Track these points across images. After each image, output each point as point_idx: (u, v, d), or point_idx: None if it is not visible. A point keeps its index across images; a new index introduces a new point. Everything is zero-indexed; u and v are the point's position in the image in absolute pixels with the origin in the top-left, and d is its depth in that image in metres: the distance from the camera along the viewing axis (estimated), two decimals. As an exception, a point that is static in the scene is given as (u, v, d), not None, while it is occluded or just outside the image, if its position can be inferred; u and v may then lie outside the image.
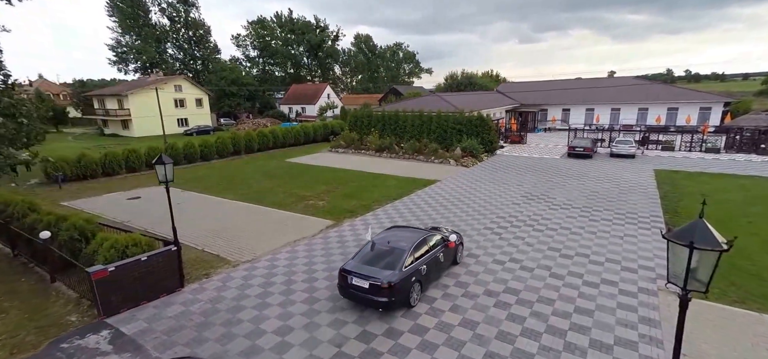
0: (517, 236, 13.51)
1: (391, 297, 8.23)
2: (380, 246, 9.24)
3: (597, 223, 14.61)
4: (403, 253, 8.87)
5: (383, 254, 8.96)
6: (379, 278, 8.30)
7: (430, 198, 18.87)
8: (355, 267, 8.74)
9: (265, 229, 14.57)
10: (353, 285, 8.54)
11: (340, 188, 21.44)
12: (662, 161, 26.66)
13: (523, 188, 20.20)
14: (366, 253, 9.14)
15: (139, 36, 63.42)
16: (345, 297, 8.98)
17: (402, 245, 9.18)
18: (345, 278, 8.68)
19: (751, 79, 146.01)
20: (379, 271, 8.50)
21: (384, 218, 15.78)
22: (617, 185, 20.41)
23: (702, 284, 4.08)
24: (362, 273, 8.53)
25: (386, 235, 10.00)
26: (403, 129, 35.15)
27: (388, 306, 8.35)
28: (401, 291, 8.45)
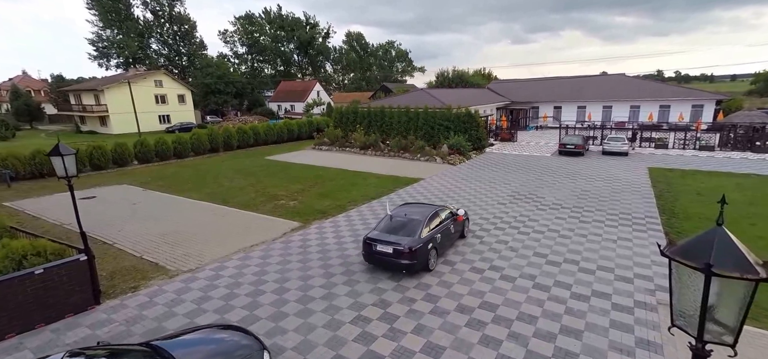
0: (499, 240, 12.15)
1: (413, 259, 9.22)
2: (398, 218, 10.25)
3: (588, 225, 13.30)
4: (421, 223, 9.89)
5: (402, 225, 9.93)
6: (402, 244, 9.25)
7: (410, 198, 17.48)
8: (378, 236, 9.73)
9: (223, 232, 13.06)
10: (378, 251, 9.53)
11: (317, 187, 20.00)
12: (656, 158, 25.53)
13: (510, 187, 18.90)
14: (386, 224, 10.14)
15: (120, 30, 61.18)
16: (370, 263, 10.02)
17: (418, 216, 10.19)
18: (370, 245, 9.66)
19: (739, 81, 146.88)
20: (401, 238, 9.46)
21: (357, 221, 14.35)
22: (610, 183, 19.18)
23: (728, 331, 2.61)
24: (386, 240, 9.49)
25: (402, 209, 11.12)
26: (389, 126, 33.76)
27: (410, 268, 9.35)
28: (421, 255, 9.45)
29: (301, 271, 10.06)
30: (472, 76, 73.89)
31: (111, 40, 61.02)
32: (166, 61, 69.48)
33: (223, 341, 5.80)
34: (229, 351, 5.52)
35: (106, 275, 9.46)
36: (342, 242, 12.08)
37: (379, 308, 8.19)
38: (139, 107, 45.09)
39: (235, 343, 5.75)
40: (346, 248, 11.58)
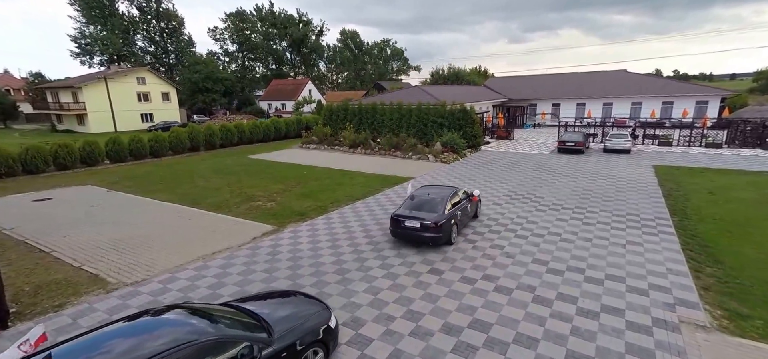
0: (494, 244, 10.93)
1: (438, 233, 10.07)
2: (421, 197, 11.18)
3: (592, 227, 12.12)
4: (444, 200, 10.86)
5: (425, 203, 10.82)
6: (428, 218, 10.14)
7: (399, 198, 16.24)
8: (405, 212, 10.64)
9: (186, 237, 11.76)
10: (406, 226, 10.37)
11: (299, 186, 18.74)
12: (660, 156, 24.46)
13: (507, 186, 17.72)
14: (409, 204, 11.06)
15: (104, 27, 59.52)
16: (397, 238, 10.92)
17: (440, 195, 11.12)
18: (398, 222, 10.52)
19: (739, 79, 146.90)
20: (427, 214, 10.33)
21: (337, 224, 13.08)
22: (613, 182, 18.04)
23: None
24: (413, 216, 10.38)
25: (423, 190, 11.94)
26: (380, 123, 32.56)
27: (436, 241, 10.20)
28: (446, 230, 10.27)
29: (264, 283, 8.79)
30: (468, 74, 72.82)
31: (94, 37, 59.29)
32: (152, 58, 67.89)
33: (296, 302, 6.27)
34: (303, 311, 5.92)
35: (30, 290, 8.14)
36: (317, 248, 10.81)
37: (350, 329, 6.94)
38: (120, 106, 43.74)
39: (306, 304, 6.18)
40: (321, 255, 10.32)
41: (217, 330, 4.70)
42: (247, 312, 5.49)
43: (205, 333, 4.52)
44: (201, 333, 4.49)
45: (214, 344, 4.44)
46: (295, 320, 5.59)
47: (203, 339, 4.40)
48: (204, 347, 4.35)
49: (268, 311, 5.69)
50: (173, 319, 4.80)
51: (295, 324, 5.49)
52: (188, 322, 4.72)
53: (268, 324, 5.32)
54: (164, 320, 4.77)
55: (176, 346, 4.14)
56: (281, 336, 5.16)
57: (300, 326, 5.48)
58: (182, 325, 4.63)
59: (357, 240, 11.45)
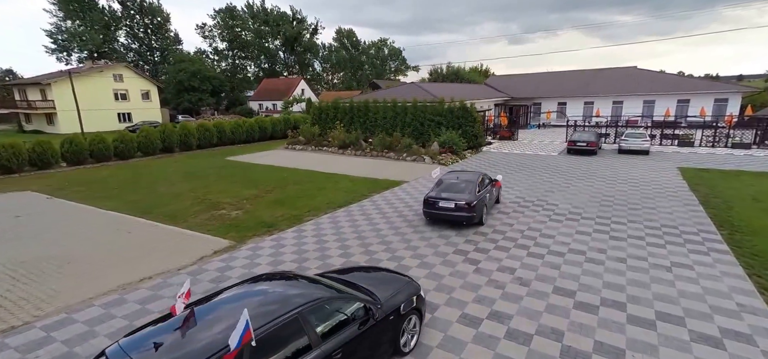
0: (502, 266, 8.76)
1: (472, 213, 10.68)
2: (450, 181, 11.75)
3: (622, 242, 9.97)
4: (474, 183, 11.35)
5: (455, 186, 11.38)
6: (462, 199, 10.75)
7: (387, 205, 14.09)
8: (438, 194, 11.16)
9: (115, 257, 9.56)
10: (440, 206, 10.96)
11: (275, 192, 16.60)
12: (683, 157, 22.38)
13: (513, 191, 15.58)
14: (439, 188, 11.55)
15: (83, 22, 57.26)
16: (430, 219, 11.54)
17: (469, 179, 11.66)
18: (432, 203, 11.10)
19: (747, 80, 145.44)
20: (460, 195, 10.89)
21: (309, 237, 10.91)
22: (636, 186, 15.92)
23: None
24: (447, 197, 10.94)
25: (451, 175, 12.39)
26: (373, 122, 30.47)
27: (470, 220, 10.79)
28: (477, 210, 10.85)
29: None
30: (468, 73, 70.93)
31: (72, 33, 56.98)
32: (136, 56, 65.75)
33: (385, 275, 6.51)
34: (396, 281, 6.15)
35: None
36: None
37: None
38: (95, 104, 41.57)
39: (395, 276, 6.43)
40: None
41: (336, 291, 5.04)
42: (347, 283, 5.70)
43: (329, 293, 4.86)
44: (325, 292, 4.83)
45: (339, 301, 4.84)
46: (393, 289, 5.80)
47: (328, 296, 4.77)
48: (332, 303, 4.74)
49: (364, 282, 5.88)
50: (293, 282, 5.19)
51: (394, 291, 5.72)
52: (308, 284, 5.07)
53: (371, 291, 5.57)
54: (287, 283, 5.17)
55: (312, 300, 4.49)
56: (386, 301, 5.43)
57: (399, 293, 5.73)
58: (305, 286, 4.97)
59: (330, 260, 9.29)
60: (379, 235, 11.01)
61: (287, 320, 4.11)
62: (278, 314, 4.11)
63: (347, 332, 4.66)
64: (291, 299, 4.46)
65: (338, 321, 4.68)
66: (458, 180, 11.78)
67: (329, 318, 4.62)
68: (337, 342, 4.46)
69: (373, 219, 12.50)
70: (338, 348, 4.44)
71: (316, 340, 4.26)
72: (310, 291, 4.79)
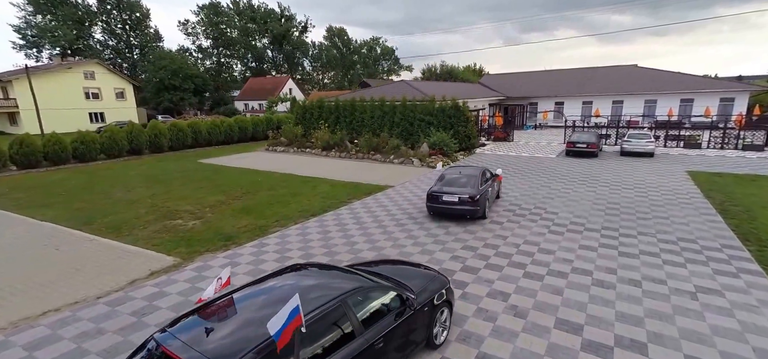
0: (493, 291, 7.44)
1: (475, 206, 11.01)
2: (452, 176, 12.12)
3: (634, 261, 8.70)
4: (477, 178, 11.76)
5: (458, 181, 11.77)
6: (466, 193, 11.11)
7: (367, 213, 12.74)
8: (442, 189, 11.53)
9: (29, 280, 8.08)
10: (444, 200, 11.29)
11: (244, 198, 15.19)
12: (691, 160, 21.31)
13: (507, 198, 14.30)
14: (442, 182, 11.93)
15: (54, 16, 55.21)
16: (434, 213, 11.89)
17: (472, 173, 12.05)
18: (436, 197, 11.46)
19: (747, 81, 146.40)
20: (463, 189, 11.28)
21: (270, 254, 9.52)
22: (643, 192, 14.73)
23: None
24: (450, 191, 11.31)
25: (453, 170, 12.71)
26: (360, 122, 29.16)
27: (474, 214, 11.20)
28: (481, 203, 11.21)
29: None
30: (462, 72, 70.14)
31: (42, 28, 54.82)
32: (112, 53, 63.82)
33: (418, 270, 6.39)
34: (425, 274, 6.16)
35: None
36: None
37: None
38: (64, 103, 39.83)
39: (426, 272, 6.33)
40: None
41: (374, 281, 5.03)
42: (377, 275, 5.63)
43: (368, 282, 4.90)
44: (364, 281, 4.86)
45: (378, 291, 4.87)
46: (424, 281, 5.80)
47: (368, 285, 4.80)
48: (372, 292, 4.78)
49: (394, 274, 5.84)
50: (329, 271, 5.36)
51: (425, 283, 5.74)
52: (345, 274, 5.14)
53: (404, 282, 5.56)
54: (323, 272, 5.31)
55: (354, 288, 4.55)
56: (420, 292, 5.44)
57: (430, 285, 5.73)
58: (342, 275, 5.04)
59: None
60: (353, 250, 9.65)
61: (332, 307, 4.14)
62: (324, 300, 4.15)
63: (386, 321, 4.68)
64: (333, 286, 4.52)
65: (377, 311, 4.70)
66: (461, 175, 12.06)
67: (369, 307, 4.64)
68: (377, 331, 4.50)
69: (349, 231, 11.14)
70: (379, 336, 4.47)
71: (359, 328, 4.31)
72: (348, 279, 4.83)
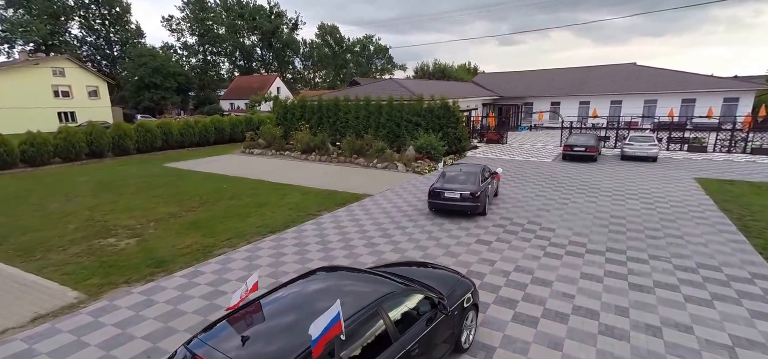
0: (475, 348, 5.78)
1: (476, 202, 11.38)
2: (453, 173, 12.54)
3: (649, 296, 7.12)
4: (477, 175, 12.17)
5: (458, 178, 12.18)
6: (467, 189, 11.51)
7: (335, 229, 11.08)
8: (444, 186, 11.89)
9: None
10: (446, 196, 11.68)
11: (200, 210, 13.48)
12: (698, 165, 19.86)
13: (499, 209, 12.70)
14: (443, 179, 12.31)
15: (27, 11, 52.88)
16: (435, 210, 12.30)
17: (472, 171, 12.41)
18: (438, 194, 11.83)
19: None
20: (464, 186, 11.67)
21: (202, 284, 7.81)
22: (650, 203, 13.19)
23: None
24: (452, 188, 11.71)
25: (454, 167, 13.11)
26: (344, 123, 27.48)
27: (475, 210, 11.52)
28: (482, 200, 11.61)
29: None
30: (455, 71, 68.60)
31: (15, 23, 52.43)
32: (91, 49, 61.57)
33: (442, 273, 6.19)
34: (453, 278, 5.93)
35: None
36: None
37: None
38: (30, 102, 37.70)
39: (451, 275, 6.13)
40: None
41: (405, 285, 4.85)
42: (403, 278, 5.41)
43: (400, 286, 4.72)
44: (395, 286, 4.68)
45: (410, 295, 4.71)
46: (450, 284, 5.66)
47: (401, 289, 4.65)
48: (404, 296, 4.63)
49: (419, 277, 5.63)
50: (358, 275, 5.15)
51: (452, 286, 5.59)
52: (374, 278, 4.94)
53: (430, 285, 5.38)
54: (353, 275, 5.12)
55: (388, 293, 4.39)
56: (449, 295, 5.27)
57: (457, 288, 5.59)
58: (373, 280, 4.84)
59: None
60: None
61: (369, 312, 4.01)
62: (359, 306, 4.00)
63: (419, 326, 4.51)
64: (366, 291, 4.41)
65: (411, 315, 4.53)
66: (461, 172, 12.47)
67: (403, 311, 4.46)
68: (412, 336, 4.34)
69: (307, 253, 9.45)
70: (414, 342, 4.31)
71: (394, 333, 4.15)
72: (380, 283, 4.68)
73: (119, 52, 63.39)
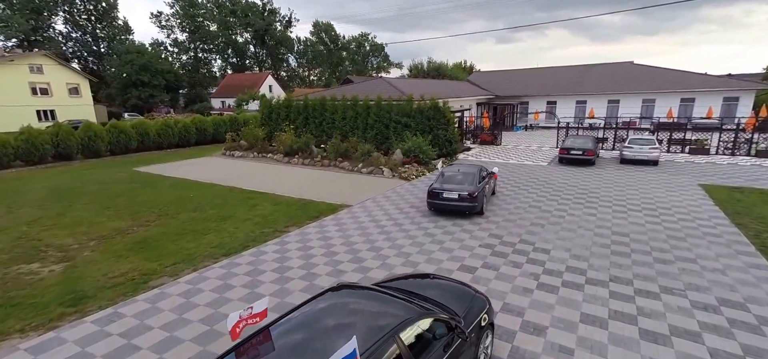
0: None
1: (474, 202, 11.52)
2: (452, 174, 12.63)
3: (666, 351, 5.70)
4: (475, 175, 12.25)
5: (457, 178, 12.28)
6: (465, 190, 11.66)
7: (298, 251, 9.60)
8: (442, 186, 12.03)
9: None
10: (445, 197, 11.81)
11: (154, 224, 12.00)
12: (701, 169, 18.48)
13: (488, 224, 11.23)
14: (442, 179, 12.46)
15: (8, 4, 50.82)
16: (435, 210, 12.36)
17: (470, 171, 12.51)
18: (437, 194, 11.94)
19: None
20: (462, 186, 11.85)
21: (115, 335, 6.30)
22: (655, 216, 11.78)
23: None
24: (450, 188, 11.87)
25: (453, 168, 13.12)
26: (331, 124, 25.97)
27: (472, 210, 11.66)
28: (479, 200, 11.70)
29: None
30: (451, 69, 66.97)
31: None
32: (76, 46, 59.62)
33: (457, 287, 5.87)
34: (467, 295, 5.55)
35: None
36: None
37: None
38: (5, 100, 35.93)
39: (465, 290, 5.77)
40: None
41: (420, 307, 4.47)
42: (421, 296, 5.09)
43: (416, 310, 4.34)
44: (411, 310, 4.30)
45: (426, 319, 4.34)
46: (466, 302, 5.29)
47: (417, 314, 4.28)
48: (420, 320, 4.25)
49: (431, 293, 5.31)
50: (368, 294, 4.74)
51: (468, 305, 5.22)
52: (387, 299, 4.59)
53: (447, 305, 5.01)
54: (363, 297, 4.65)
55: (404, 319, 4.05)
56: (465, 316, 4.95)
57: (473, 306, 5.23)
58: (386, 302, 4.51)
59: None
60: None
61: (385, 343, 3.67)
62: (376, 337, 3.66)
63: (436, 354, 4.18)
64: (381, 318, 4.06)
65: (427, 342, 4.22)
66: (459, 172, 12.55)
67: (419, 338, 4.14)
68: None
69: (259, 286, 7.96)
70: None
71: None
72: (395, 307, 4.33)
73: (106, 48, 61.39)
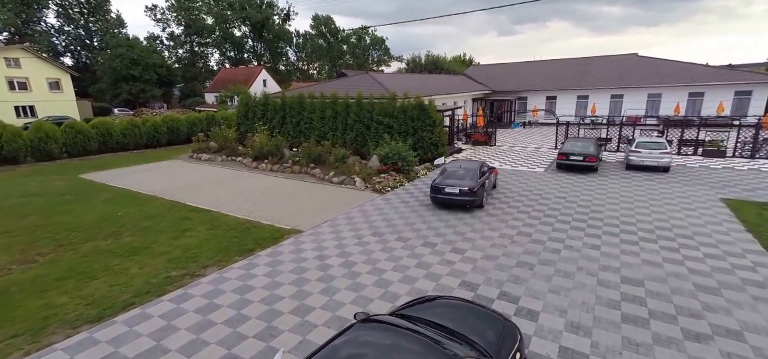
0: None
1: (474, 197, 11.67)
2: (453, 169, 12.80)
3: None
4: (476, 171, 12.44)
5: (458, 173, 12.46)
6: (466, 185, 11.78)
7: (195, 317, 6.95)
8: (444, 182, 12.18)
9: None
10: (446, 192, 11.95)
11: (44, 259, 9.57)
12: (719, 176, 15.54)
13: (459, 266, 8.45)
14: (444, 175, 12.58)
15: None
16: (437, 204, 12.56)
17: (470, 167, 12.72)
18: (438, 189, 12.13)
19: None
20: (463, 182, 11.96)
21: None
22: (675, 251, 8.97)
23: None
24: (451, 183, 12.00)
25: (455, 164, 13.43)
26: (308, 124, 23.19)
27: (472, 203, 11.88)
28: (479, 194, 11.89)
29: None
30: (449, 63, 63.64)
31: (-21, 11, 47.69)
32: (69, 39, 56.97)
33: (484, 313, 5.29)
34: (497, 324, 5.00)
35: None
36: None
37: None
38: (-22, 96, 33.41)
39: (493, 317, 5.22)
40: None
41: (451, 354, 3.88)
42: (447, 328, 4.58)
43: (441, 352, 3.86)
44: (438, 353, 3.84)
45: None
46: (496, 333, 4.78)
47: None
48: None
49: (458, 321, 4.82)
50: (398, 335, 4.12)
51: (499, 338, 4.70)
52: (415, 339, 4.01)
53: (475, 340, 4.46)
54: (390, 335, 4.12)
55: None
56: (497, 352, 4.47)
57: (505, 340, 4.72)
58: (413, 342, 3.97)
59: None
60: None
61: None
62: None
63: None
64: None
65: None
66: (461, 168, 12.70)
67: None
68: None
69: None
70: None
71: None
72: (427, 348, 3.86)
73: (99, 42, 58.70)
